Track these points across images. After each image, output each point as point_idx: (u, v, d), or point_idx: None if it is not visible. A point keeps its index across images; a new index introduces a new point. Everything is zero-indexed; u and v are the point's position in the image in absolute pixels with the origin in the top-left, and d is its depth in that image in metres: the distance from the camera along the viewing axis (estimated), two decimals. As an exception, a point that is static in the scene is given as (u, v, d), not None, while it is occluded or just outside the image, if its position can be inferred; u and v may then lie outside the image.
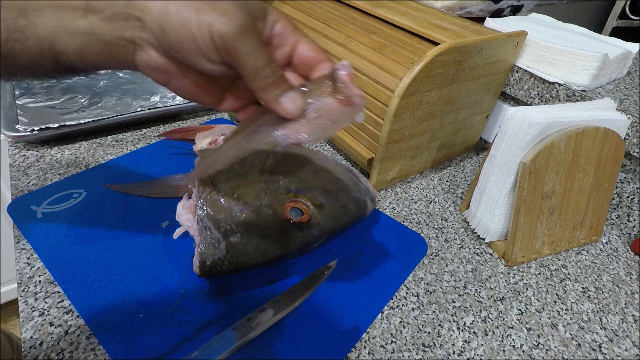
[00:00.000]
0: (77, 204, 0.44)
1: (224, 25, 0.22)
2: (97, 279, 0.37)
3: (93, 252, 0.39)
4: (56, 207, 0.44)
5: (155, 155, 0.53)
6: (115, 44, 0.23)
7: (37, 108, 0.57)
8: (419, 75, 0.44)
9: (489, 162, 0.47)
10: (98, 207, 0.44)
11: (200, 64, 0.24)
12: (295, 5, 0.65)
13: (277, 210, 0.37)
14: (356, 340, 0.35)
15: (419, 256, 0.45)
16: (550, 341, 0.38)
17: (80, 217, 0.43)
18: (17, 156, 0.51)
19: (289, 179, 0.40)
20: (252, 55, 0.23)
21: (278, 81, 0.25)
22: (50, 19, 0.22)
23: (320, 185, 0.41)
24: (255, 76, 0.24)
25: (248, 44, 0.23)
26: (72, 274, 0.37)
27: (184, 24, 0.22)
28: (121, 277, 0.38)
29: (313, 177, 0.41)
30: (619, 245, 0.51)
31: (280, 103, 0.25)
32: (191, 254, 0.37)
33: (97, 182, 0.48)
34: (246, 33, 0.23)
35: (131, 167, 0.51)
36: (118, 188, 0.47)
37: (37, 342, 0.32)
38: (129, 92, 0.65)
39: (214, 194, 0.37)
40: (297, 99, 0.25)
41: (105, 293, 0.36)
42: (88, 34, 0.23)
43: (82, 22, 0.22)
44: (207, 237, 0.35)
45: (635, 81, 0.60)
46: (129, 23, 0.23)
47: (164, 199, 0.46)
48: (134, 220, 0.43)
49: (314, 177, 0.41)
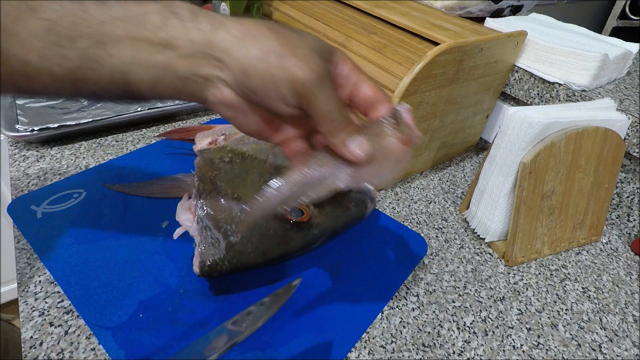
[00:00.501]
0: (77, 204, 0.44)
1: (305, 73, 0.23)
2: (97, 279, 0.37)
3: (93, 252, 0.39)
4: (56, 207, 0.44)
5: (155, 155, 0.53)
6: (190, 79, 0.24)
7: (37, 108, 0.57)
8: (419, 75, 0.44)
9: (489, 162, 0.47)
10: (98, 207, 0.44)
11: (275, 106, 0.25)
12: (295, 5, 0.65)
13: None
14: (356, 340, 0.35)
15: (419, 256, 0.45)
16: (550, 341, 0.38)
17: (80, 217, 0.43)
18: (17, 156, 0.51)
19: None
20: (326, 101, 0.24)
21: (347, 125, 0.25)
22: (127, 51, 0.22)
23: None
24: (326, 120, 0.24)
25: (325, 90, 0.24)
26: (72, 274, 0.37)
27: (267, 70, 0.23)
28: (121, 277, 0.38)
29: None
30: (619, 245, 0.51)
31: (348, 147, 0.25)
32: (191, 254, 0.37)
33: (97, 182, 0.47)
34: (324, 80, 0.24)
35: (131, 167, 0.51)
36: (118, 188, 0.47)
37: (37, 342, 0.32)
38: (129, 92, 0.65)
39: (214, 194, 0.37)
40: (364, 143, 0.25)
41: (105, 293, 0.36)
42: (162, 68, 0.23)
43: (158, 56, 0.23)
44: (207, 237, 0.35)
45: (635, 81, 0.60)
46: (207, 62, 0.23)
47: (164, 199, 0.46)
48: (134, 220, 0.43)
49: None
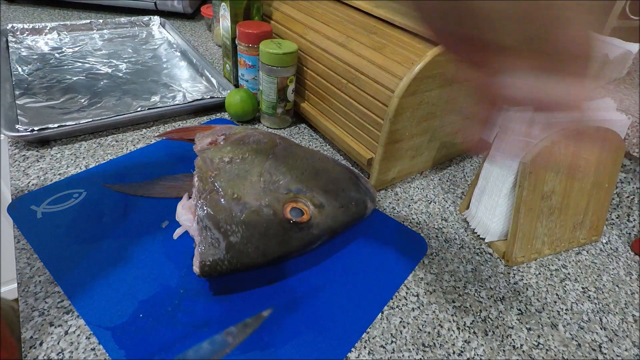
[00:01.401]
0: (77, 204, 0.44)
1: None
2: (97, 279, 0.37)
3: (93, 252, 0.39)
4: (56, 207, 0.44)
5: (155, 155, 0.53)
6: None
7: (37, 108, 0.58)
8: (419, 75, 0.44)
9: (489, 162, 0.47)
10: (98, 207, 0.44)
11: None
12: (295, 5, 0.65)
13: (277, 210, 0.37)
14: (356, 340, 0.35)
15: (419, 256, 0.45)
16: (550, 341, 0.38)
17: (80, 217, 0.43)
18: (17, 156, 0.51)
19: (289, 179, 0.40)
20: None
21: None
22: None
23: (320, 186, 0.41)
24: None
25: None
26: (72, 274, 0.37)
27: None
28: (121, 277, 0.38)
29: (313, 177, 0.41)
30: (619, 245, 0.51)
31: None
32: (191, 254, 0.37)
33: (97, 182, 0.47)
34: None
35: (131, 167, 0.51)
36: (118, 188, 0.47)
37: (37, 342, 0.32)
38: (129, 92, 0.65)
39: (214, 194, 0.37)
40: None
41: (105, 293, 0.36)
42: None
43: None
44: (207, 237, 0.35)
45: (635, 81, 0.60)
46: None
47: (164, 199, 0.46)
48: (134, 220, 0.43)
49: (314, 177, 0.41)
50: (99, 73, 0.69)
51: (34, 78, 0.65)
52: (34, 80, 0.64)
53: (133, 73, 0.71)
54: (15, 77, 0.64)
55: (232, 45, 0.66)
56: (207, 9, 0.92)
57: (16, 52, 0.72)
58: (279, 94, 0.59)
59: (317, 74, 0.58)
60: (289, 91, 0.60)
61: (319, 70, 0.58)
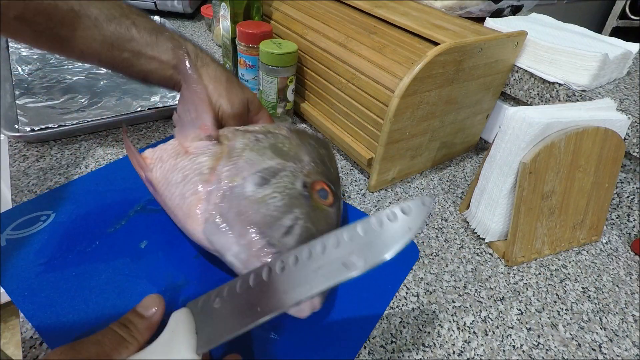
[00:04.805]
0: (45, 227, 0.40)
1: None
2: (71, 311, 0.33)
3: (65, 281, 0.35)
4: (21, 232, 0.39)
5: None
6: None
7: (37, 108, 0.57)
8: (419, 75, 0.44)
9: (489, 162, 0.47)
10: (68, 230, 0.40)
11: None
12: (295, 5, 0.65)
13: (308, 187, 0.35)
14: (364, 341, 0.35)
15: (410, 262, 0.44)
16: (550, 341, 0.38)
17: (49, 242, 0.39)
18: (17, 156, 0.51)
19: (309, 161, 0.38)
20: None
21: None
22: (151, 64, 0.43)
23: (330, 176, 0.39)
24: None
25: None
26: (42, 306, 0.33)
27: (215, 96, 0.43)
28: (97, 306, 0.34)
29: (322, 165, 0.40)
30: (619, 245, 0.51)
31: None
32: (175, 279, 0.35)
33: (67, 202, 0.43)
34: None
35: (103, 181, 0.47)
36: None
37: (37, 342, 0.32)
38: (129, 92, 0.65)
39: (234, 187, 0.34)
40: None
41: (81, 324, 0.33)
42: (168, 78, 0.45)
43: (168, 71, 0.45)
44: None
45: (635, 81, 0.60)
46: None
47: (140, 215, 0.43)
48: (108, 241, 0.39)
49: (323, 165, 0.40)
50: (99, 73, 0.69)
51: (34, 78, 0.65)
52: (34, 80, 0.64)
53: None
54: (15, 77, 0.64)
55: (232, 45, 0.66)
56: (207, 9, 0.92)
57: (16, 51, 0.72)
58: (279, 94, 0.59)
59: (317, 74, 0.58)
60: (289, 91, 0.60)
61: (319, 70, 0.58)
